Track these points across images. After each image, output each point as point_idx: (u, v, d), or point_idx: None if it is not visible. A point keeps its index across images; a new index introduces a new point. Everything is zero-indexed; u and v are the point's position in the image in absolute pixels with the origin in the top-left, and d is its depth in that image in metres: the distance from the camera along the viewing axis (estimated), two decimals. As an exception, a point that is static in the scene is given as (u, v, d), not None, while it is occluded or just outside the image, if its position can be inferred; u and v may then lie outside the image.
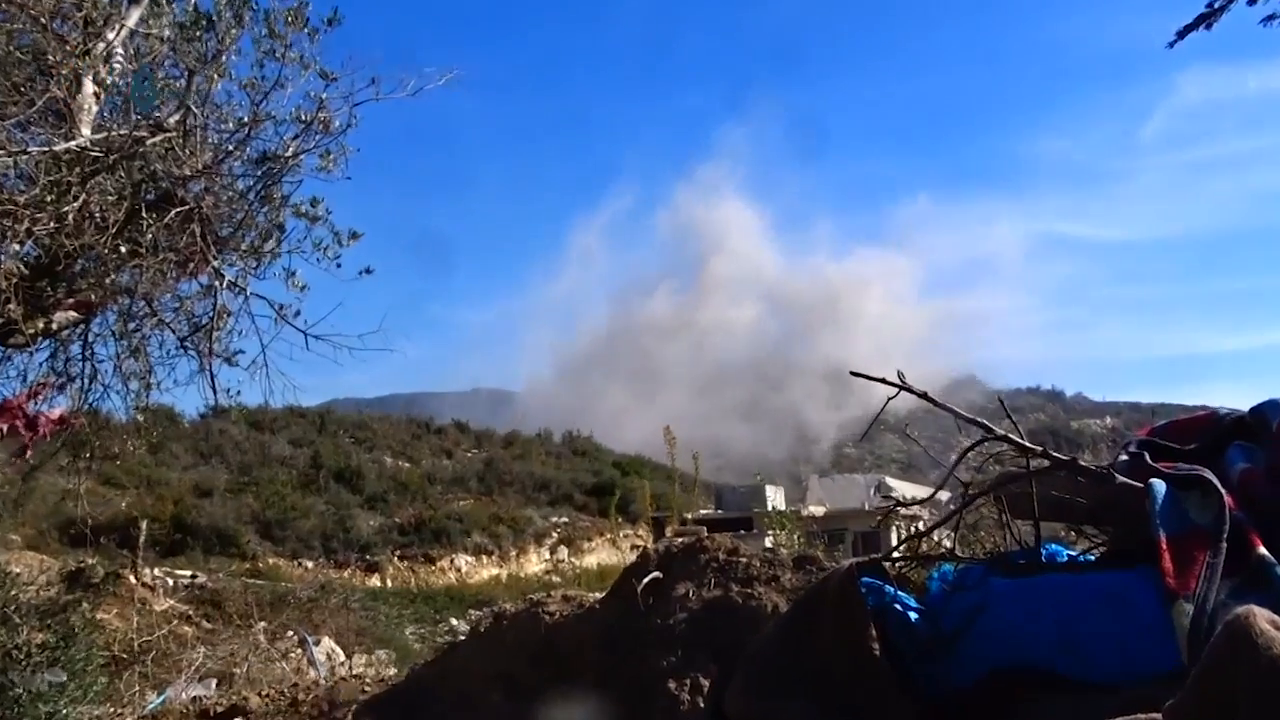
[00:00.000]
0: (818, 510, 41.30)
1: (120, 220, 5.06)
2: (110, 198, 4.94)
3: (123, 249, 5.49)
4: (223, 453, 36.17)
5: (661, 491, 41.55)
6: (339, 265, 6.46)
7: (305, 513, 31.98)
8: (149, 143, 4.90)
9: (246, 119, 6.00)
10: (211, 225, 5.32)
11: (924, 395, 3.41)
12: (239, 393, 6.70)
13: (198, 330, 6.57)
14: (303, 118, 5.80)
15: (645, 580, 5.68)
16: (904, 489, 43.45)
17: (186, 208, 5.12)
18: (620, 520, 41.78)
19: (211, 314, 5.71)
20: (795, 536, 9.86)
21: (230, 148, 6.04)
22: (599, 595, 6.76)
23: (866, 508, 41.17)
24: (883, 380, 3.40)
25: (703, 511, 47.60)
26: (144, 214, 5.13)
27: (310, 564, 29.73)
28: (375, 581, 30.45)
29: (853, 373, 3.47)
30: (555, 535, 39.47)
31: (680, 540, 7.01)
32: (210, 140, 5.90)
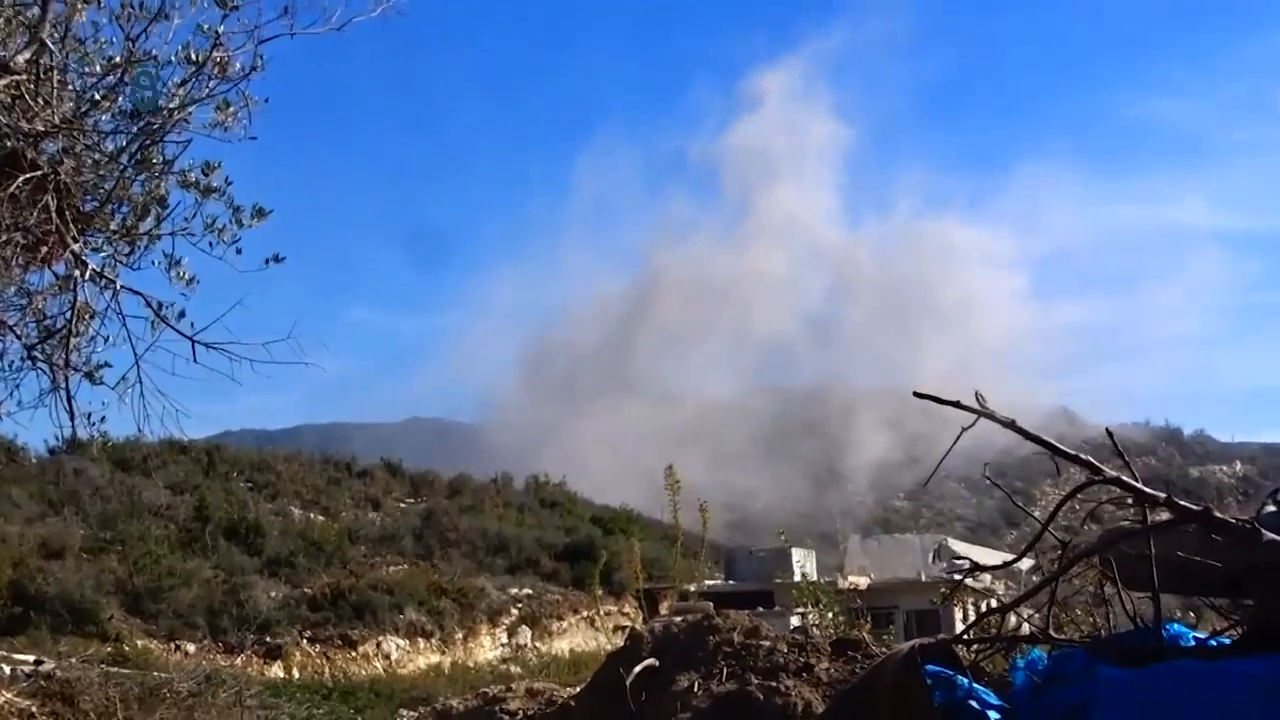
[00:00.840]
0: (860, 581, 41.32)
1: (-50, 189, 5.03)
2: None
3: (-48, 228, 5.47)
4: (79, 500, 35.89)
5: (655, 556, 41.55)
6: (239, 252, 6.44)
7: (186, 580, 31.78)
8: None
9: (119, 58, 5.99)
10: (71, 197, 5.30)
11: (1011, 424, 3.38)
12: (103, 419, 6.67)
13: (50, 336, 6.54)
14: (193, 57, 5.78)
15: (636, 670, 5.64)
16: (972, 554, 43.51)
17: (38, 174, 5.09)
18: (601, 593, 41.66)
19: (69, 314, 5.67)
20: (833, 615, 9.82)
21: (97, 96, 6.03)
22: (574, 690, 6.71)
23: (923, 578, 41.23)
24: (956, 404, 3.36)
25: (709, 582, 47.44)
26: (-18, 181, 5.10)
27: (192, 647, 29.53)
28: (278, 671, 30.23)
29: (917, 393, 3.43)
30: (515, 612, 39.34)
31: (681, 618, 7.00)
32: (72, 86, 5.89)
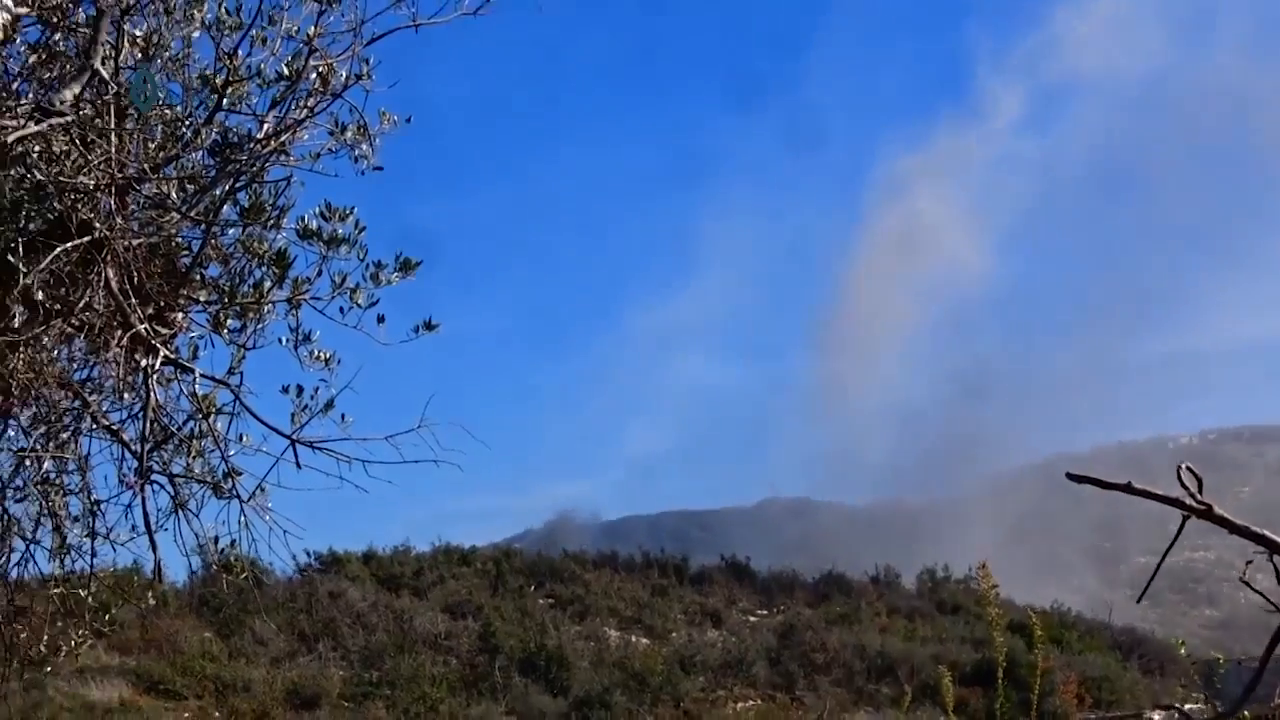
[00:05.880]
0: None
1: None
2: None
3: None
4: (336, 631, 37.65)
5: (1102, 674, 40.11)
6: (381, 320, 6.64)
7: (472, 729, 32.87)
8: (13, 137, 5.16)
9: (213, 75, 6.27)
10: (132, 265, 5.58)
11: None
12: (231, 544, 6.96)
13: (167, 439, 6.90)
14: (286, 71, 5.99)
15: None
16: None
17: (85, 240, 5.37)
18: (1029, 727, 40.46)
19: (144, 415, 5.98)
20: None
21: (187, 133, 6.34)
22: None
23: None
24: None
25: (1188, 707, 45.40)
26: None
27: (483, 818, 30.49)
28: (594, 847, 30.84)
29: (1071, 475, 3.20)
30: (910, 757, 38.78)
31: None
32: (147, 126, 6.21)
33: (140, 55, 6.19)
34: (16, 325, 5.74)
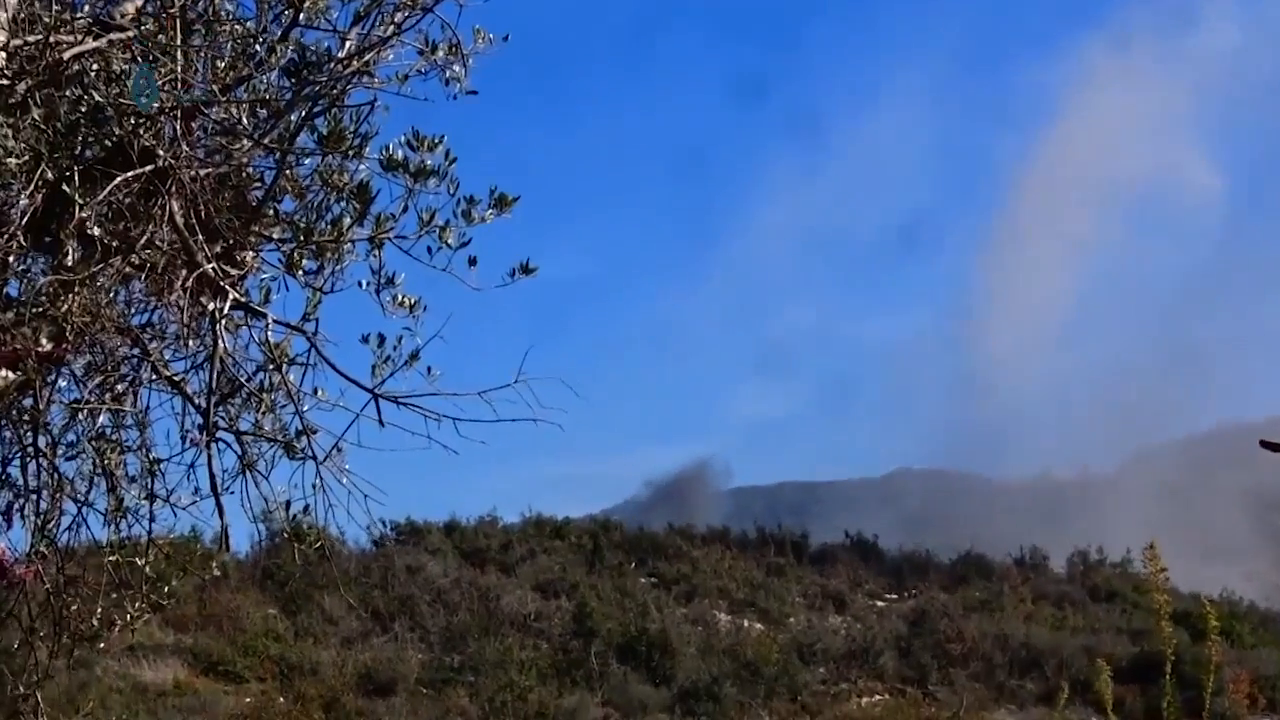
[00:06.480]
0: None
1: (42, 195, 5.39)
2: (14, 158, 5.28)
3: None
4: (415, 610, 37.63)
5: (1273, 672, 39.49)
6: (473, 263, 6.60)
7: (566, 723, 32.81)
8: (69, 54, 5.19)
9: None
10: (197, 199, 5.58)
11: None
12: (305, 509, 6.95)
13: (234, 392, 6.91)
14: (370, -20, 5.97)
15: None
16: None
17: (147, 169, 5.38)
18: (1194, 728, 39.90)
19: (210, 365, 5.99)
20: None
21: (260, 51, 6.33)
22: None
23: None
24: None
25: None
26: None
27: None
28: None
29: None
30: (1062, 763, 38.34)
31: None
32: (216, 44, 6.22)
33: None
34: (71, 263, 5.77)
